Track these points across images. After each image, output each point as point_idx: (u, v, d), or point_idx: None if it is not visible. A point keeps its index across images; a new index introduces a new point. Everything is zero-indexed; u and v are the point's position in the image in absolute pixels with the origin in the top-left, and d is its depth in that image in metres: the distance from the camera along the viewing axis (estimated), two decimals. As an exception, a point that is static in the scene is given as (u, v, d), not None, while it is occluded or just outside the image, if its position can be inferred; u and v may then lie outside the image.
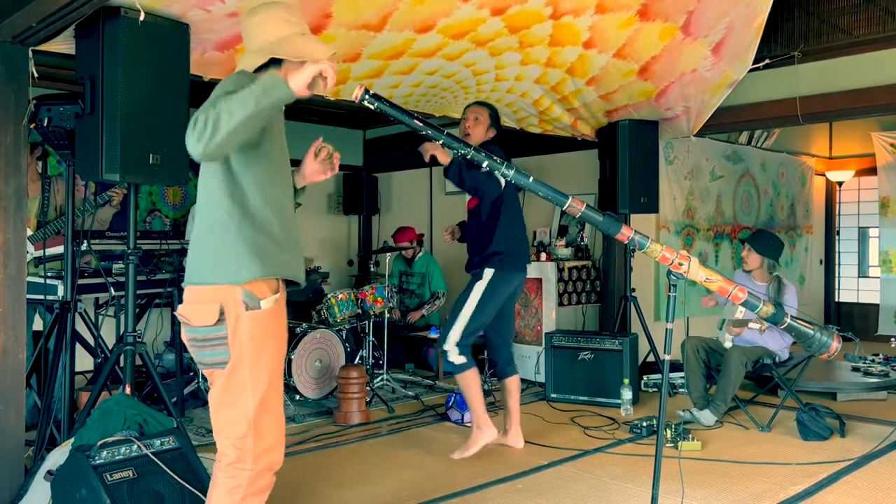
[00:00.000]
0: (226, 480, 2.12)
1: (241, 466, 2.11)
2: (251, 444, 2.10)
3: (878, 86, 4.94)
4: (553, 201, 2.52)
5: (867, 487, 3.46)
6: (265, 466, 2.15)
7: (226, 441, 2.12)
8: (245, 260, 2.10)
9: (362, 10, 3.46)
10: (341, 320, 5.34)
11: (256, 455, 2.11)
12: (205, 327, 2.09)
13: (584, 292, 6.11)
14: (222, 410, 2.12)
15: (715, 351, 4.68)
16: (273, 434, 2.15)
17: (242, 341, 2.09)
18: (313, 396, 5.04)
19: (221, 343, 2.08)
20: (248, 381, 2.10)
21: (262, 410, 2.12)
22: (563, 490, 3.41)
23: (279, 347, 2.20)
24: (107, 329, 4.93)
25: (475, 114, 4.06)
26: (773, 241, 4.82)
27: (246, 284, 2.09)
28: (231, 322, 2.08)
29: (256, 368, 2.11)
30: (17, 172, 3.01)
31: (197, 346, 2.13)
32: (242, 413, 2.10)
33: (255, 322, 2.10)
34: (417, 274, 6.72)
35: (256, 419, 2.10)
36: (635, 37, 4.37)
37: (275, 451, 2.17)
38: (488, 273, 3.91)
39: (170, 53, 3.05)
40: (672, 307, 2.49)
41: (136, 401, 2.97)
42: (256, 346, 2.11)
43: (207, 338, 2.09)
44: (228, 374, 2.10)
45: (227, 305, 2.08)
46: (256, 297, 2.11)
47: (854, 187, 8.70)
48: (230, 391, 2.10)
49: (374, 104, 2.32)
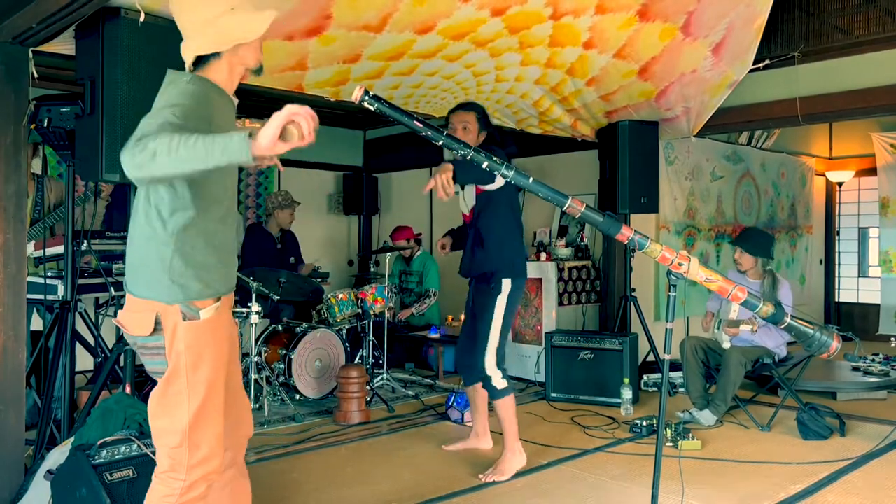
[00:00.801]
0: (159, 488, 2.07)
1: (175, 476, 2.05)
2: (185, 455, 2.04)
3: (878, 86, 4.94)
4: (553, 201, 2.52)
5: (867, 487, 3.47)
6: (199, 477, 2.07)
7: (161, 450, 2.07)
8: (185, 281, 2.01)
9: (362, 10, 3.47)
10: (341, 320, 5.34)
11: (190, 466, 2.04)
12: (142, 337, 2.03)
13: (584, 292, 6.11)
14: (158, 420, 2.06)
15: (714, 351, 4.68)
16: (210, 445, 2.07)
17: (179, 352, 2.01)
18: (313, 396, 5.04)
19: (159, 353, 2.03)
20: (185, 393, 2.03)
21: (199, 422, 2.04)
22: (563, 490, 3.41)
23: (220, 357, 2.10)
24: (107, 329, 4.93)
25: (462, 122, 3.70)
26: (762, 237, 4.83)
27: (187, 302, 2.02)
28: (168, 333, 2.01)
29: (194, 379, 2.03)
30: (17, 172, 3.01)
31: (140, 353, 2.08)
32: (178, 424, 2.03)
33: (193, 332, 2.02)
34: (416, 273, 6.73)
35: (192, 430, 2.03)
36: (635, 37, 4.37)
37: (211, 463, 2.08)
38: (506, 284, 3.66)
39: (170, 53, 3.02)
40: (672, 307, 2.49)
41: (135, 400, 2.98)
42: (194, 356, 2.03)
43: (147, 346, 2.04)
44: (164, 384, 2.03)
45: (164, 316, 2.01)
46: (196, 307, 2.03)
47: (854, 187, 8.70)
48: (166, 401, 2.04)
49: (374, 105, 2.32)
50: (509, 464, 3.61)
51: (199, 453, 2.05)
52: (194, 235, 2.03)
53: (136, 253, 2.05)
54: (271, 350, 5.06)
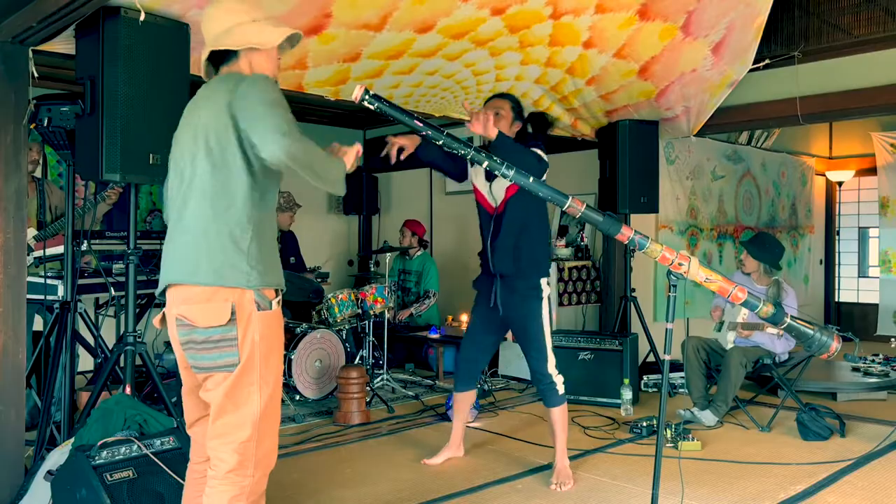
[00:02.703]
0: (225, 489, 2.03)
1: (243, 473, 2.04)
2: (254, 448, 2.05)
3: (878, 86, 4.94)
4: (553, 201, 2.52)
5: (867, 487, 3.46)
6: (263, 472, 2.10)
7: (226, 447, 2.04)
8: (262, 267, 2.09)
9: (362, 9, 3.46)
10: (341, 320, 5.34)
11: (258, 460, 2.06)
12: (211, 328, 2.02)
13: (584, 292, 6.11)
14: (227, 414, 2.05)
15: (715, 351, 4.68)
16: (273, 437, 2.12)
17: (255, 342, 2.05)
18: (313, 396, 5.04)
19: (230, 344, 2.03)
20: (257, 383, 2.06)
21: (267, 413, 2.09)
22: (563, 490, 3.41)
23: (282, 349, 2.20)
24: (107, 329, 4.93)
25: (496, 108, 3.54)
26: (773, 246, 4.80)
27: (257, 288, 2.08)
28: (242, 322, 2.04)
29: (266, 370, 2.08)
30: (18, 172, 3.01)
31: (197, 349, 2.05)
32: (249, 416, 2.05)
33: (266, 323, 2.08)
34: (414, 272, 6.73)
35: (262, 422, 2.06)
36: (635, 37, 4.37)
37: (273, 455, 2.13)
38: (545, 285, 3.55)
39: (170, 53, 3.05)
40: (672, 307, 2.49)
41: (136, 401, 2.98)
42: (267, 347, 2.08)
43: (212, 339, 2.03)
44: (238, 377, 2.04)
45: (239, 305, 2.03)
46: (267, 297, 2.09)
47: (854, 187, 8.70)
48: (237, 394, 2.05)
49: (374, 104, 2.32)
50: (567, 466, 3.55)
51: (264, 445, 2.09)
52: (265, 227, 2.15)
53: (199, 241, 2.08)
54: (271, 350, 5.06)
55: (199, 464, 2.25)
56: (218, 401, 2.06)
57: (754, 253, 4.70)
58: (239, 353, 2.03)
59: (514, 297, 3.54)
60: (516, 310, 3.55)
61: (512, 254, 3.52)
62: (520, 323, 3.57)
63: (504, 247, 3.53)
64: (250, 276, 2.06)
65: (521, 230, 3.53)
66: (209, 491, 2.06)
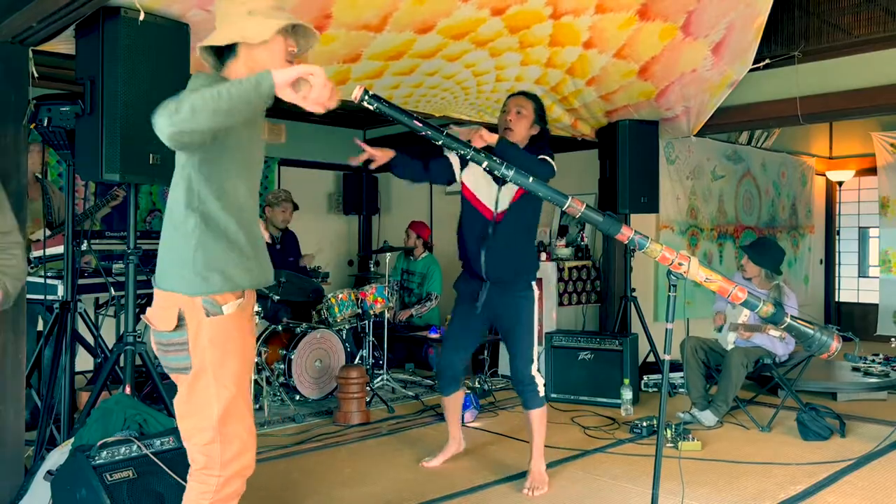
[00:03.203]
0: (195, 485, 2.08)
1: (210, 472, 2.06)
2: (218, 450, 2.05)
3: (878, 86, 4.94)
4: (553, 201, 2.52)
5: (867, 487, 3.46)
6: (234, 473, 2.08)
7: (193, 448, 2.07)
8: (206, 274, 2.02)
9: (362, 10, 3.46)
10: (341, 320, 5.33)
11: (224, 462, 2.05)
12: (165, 332, 2.03)
13: (584, 292, 6.11)
14: (187, 418, 2.07)
15: (715, 351, 4.68)
16: (242, 439, 2.09)
17: (204, 347, 2.02)
18: (313, 396, 5.04)
19: (182, 349, 2.03)
20: (213, 388, 2.03)
21: (229, 416, 2.05)
22: (564, 490, 3.41)
23: (245, 352, 2.13)
24: (107, 329, 4.93)
25: (518, 106, 3.49)
26: (774, 251, 4.79)
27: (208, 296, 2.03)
28: (192, 328, 2.02)
29: (221, 374, 2.04)
30: (18, 172, 3.01)
31: (162, 351, 2.08)
32: (207, 420, 2.04)
33: (217, 328, 2.03)
34: (418, 274, 6.72)
35: (222, 425, 2.04)
36: (635, 37, 4.37)
37: (244, 457, 2.10)
38: (536, 291, 3.56)
39: (170, 53, 3.05)
40: (672, 307, 2.49)
41: (136, 401, 2.97)
42: (220, 352, 2.03)
43: (171, 342, 2.04)
44: (192, 381, 2.04)
45: (186, 311, 2.01)
46: (218, 303, 2.03)
47: (854, 187, 8.69)
48: (194, 398, 2.05)
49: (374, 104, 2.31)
50: (543, 471, 3.50)
51: (231, 448, 2.07)
52: (222, 225, 2.05)
53: (163, 247, 2.09)
54: (271, 350, 5.06)
55: None
56: (178, 403, 2.09)
57: (755, 258, 4.69)
58: (190, 358, 2.03)
59: (506, 300, 3.51)
60: (508, 312, 3.52)
61: (507, 259, 3.47)
62: (511, 325, 3.53)
63: (501, 253, 3.46)
64: (192, 283, 2.01)
65: (516, 235, 3.50)
66: (187, 487, 2.11)
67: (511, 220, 3.48)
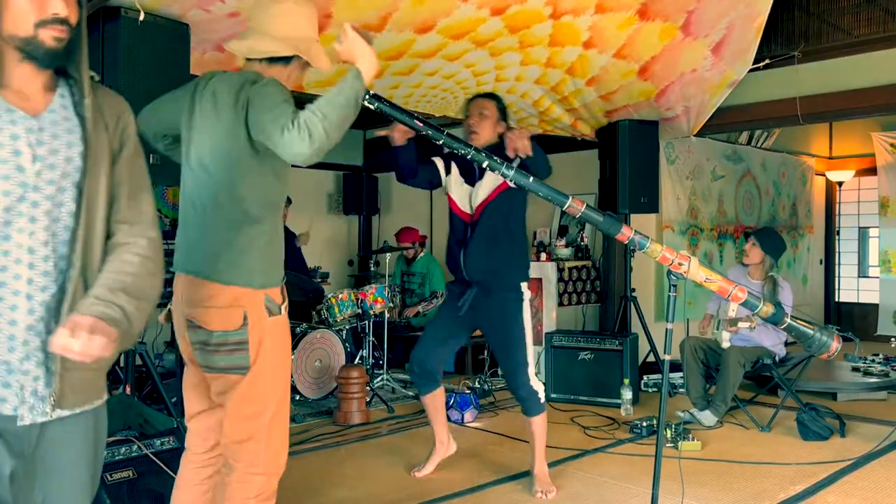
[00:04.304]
0: (240, 487, 2.09)
1: (255, 471, 2.09)
2: (263, 451, 2.09)
3: (877, 86, 4.94)
4: (553, 201, 2.52)
5: (867, 487, 3.46)
6: (274, 473, 2.13)
7: (241, 448, 2.09)
8: (266, 265, 2.09)
9: (362, 10, 3.46)
10: (341, 320, 5.34)
11: (268, 460, 2.10)
12: (223, 331, 2.04)
13: (584, 292, 6.11)
14: (240, 417, 2.08)
15: (714, 351, 4.68)
16: (283, 440, 2.16)
17: (267, 349, 2.06)
18: (313, 396, 5.04)
19: (241, 348, 2.04)
20: (270, 388, 2.09)
21: (278, 416, 2.12)
22: (563, 490, 3.41)
23: (290, 353, 2.23)
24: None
25: (479, 108, 3.46)
26: (779, 241, 4.84)
27: (268, 290, 2.08)
28: (256, 328, 2.04)
29: (279, 375, 2.11)
30: (17, 172, 3.00)
31: (209, 351, 2.07)
32: (262, 419, 2.08)
33: (277, 328, 2.10)
34: (418, 274, 6.72)
35: (272, 425, 2.10)
36: (635, 37, 4.37)
37: (283, 457, 2.16)
38: (525, 289, 3.44)
39: (170, 53, 3.05)
40: (672, 307, 2.49)
41: (136, 401, 2.98)
42: (280, 352, 2.11)
43: (225, 342, 2.04)
44: (251, 381, 2.06)
45: (251, 311, 2.04)
46: (276, 302, 2.10)
47: (854, 187, 8.69)
48: (251, 398, 2.07)
49: (374, 104, 2.32)
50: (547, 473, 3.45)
51: (275, 446, 2.11)
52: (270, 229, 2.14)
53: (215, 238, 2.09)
54: (271, 350, 5.06)
55: (197, 454, 2.25)
56: (234, 404, 2.10)
57: (763, 244, 4.68)
58: (249, 358, 2.06)
59: (490, 302, 3.40)
60: (494, 319, 3.43)
61: (485, 259, 3.40)
62: (498, 330, 3.42)
63: (477, 252, 3.41)
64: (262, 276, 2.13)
65: (495, 235, 3.41)
66: (228, 491, 2.11)
67: (487, 220, 3.41)
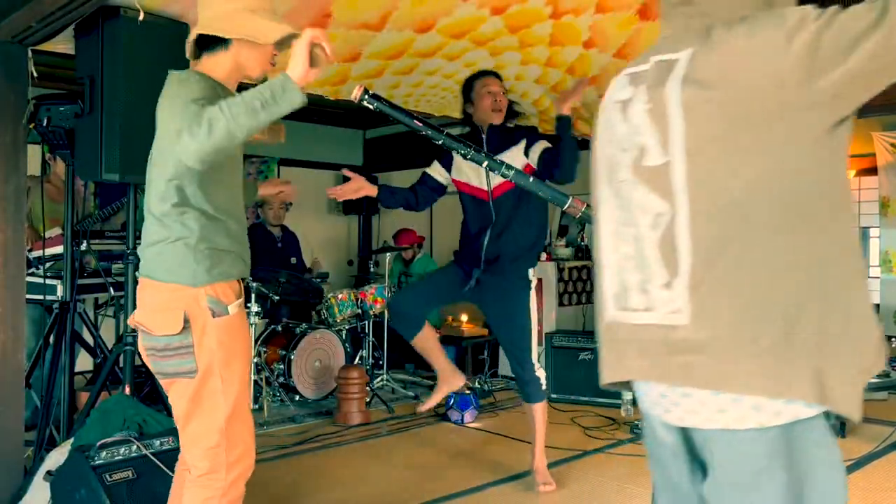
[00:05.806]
0: (198, 491, 2.03)
1: (215, 477, 2.02)
2: (223, 454, 2.02)
3: (878, 86, 4.93)
4: (553, 201, 2.52)
5: (867, 487, 3.46)
6: (238, 475, 2.06)
7: (196, 453, 2.03)
8: (207, 262, 2.00)
9: (362, 9, 3.46)
10: (341, 320, 5.33)
11: (230, 464, 2.03)
12: (167, 336, 1.98)
13: (585, 292, 6.11)
14: (193, 422, 2.03)
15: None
16: (245, 441, 2.07)
17: (212, 349, 1.99)
18: (313, 397, 5.03)
19: (187, 352, 1.98)
20: (220, 389, 2.00)
21: (234, 418, 2.03)
22: (564, 490, 3.41)
23: (247, 352, 2.12)
24: (106, 329, 4.92)
25: (500, 85, 3.50)
26: None
27: (209, 287, 1.99)
28: (197, 330, 1.98)
29: (228, 375, 2.01)
30: (17, 172, 3.00)
31: (157, 356, 2.02)
32: (214, 423, 2.01)
33: (224, 329, 2.01)
34: (416, 275, 6.71)
35: (228, 428, 2.02)
36: (635, 36, 4.37)
37: (247, 459, 2.08)
38: (533, 276, 3.39)
39: (170, 53, 3.04)
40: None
41: (135, 401, 2.97)
42: (226, 352, 2.01)
43: (170, 347, 1.98)
44: (199, 384, 2.00)
45: (192, 312, 1.97)
46: (223, 302, 2.01)
47: (854, 187, 8.68)
48: (200, 401, 2.01)
49: (374, 104, 2.31)
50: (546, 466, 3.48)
51: (236, 451, 2.04)
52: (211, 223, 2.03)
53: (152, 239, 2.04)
54: (271, 351, 5.06)
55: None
56: (181, 409, 2.04)
57: None
58: (195, 361, 1.99)
59: (499, 283, 3.35)
60: (501, 303, 3.38)
61: (513, 239, 3.33)
62: (506, 315, 3.38)
63: (505, 232, 3.33)
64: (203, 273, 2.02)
65: (524, 216, 3.35)
66: (186, 494, 2.06)
67: (512, 201, 3.34)
